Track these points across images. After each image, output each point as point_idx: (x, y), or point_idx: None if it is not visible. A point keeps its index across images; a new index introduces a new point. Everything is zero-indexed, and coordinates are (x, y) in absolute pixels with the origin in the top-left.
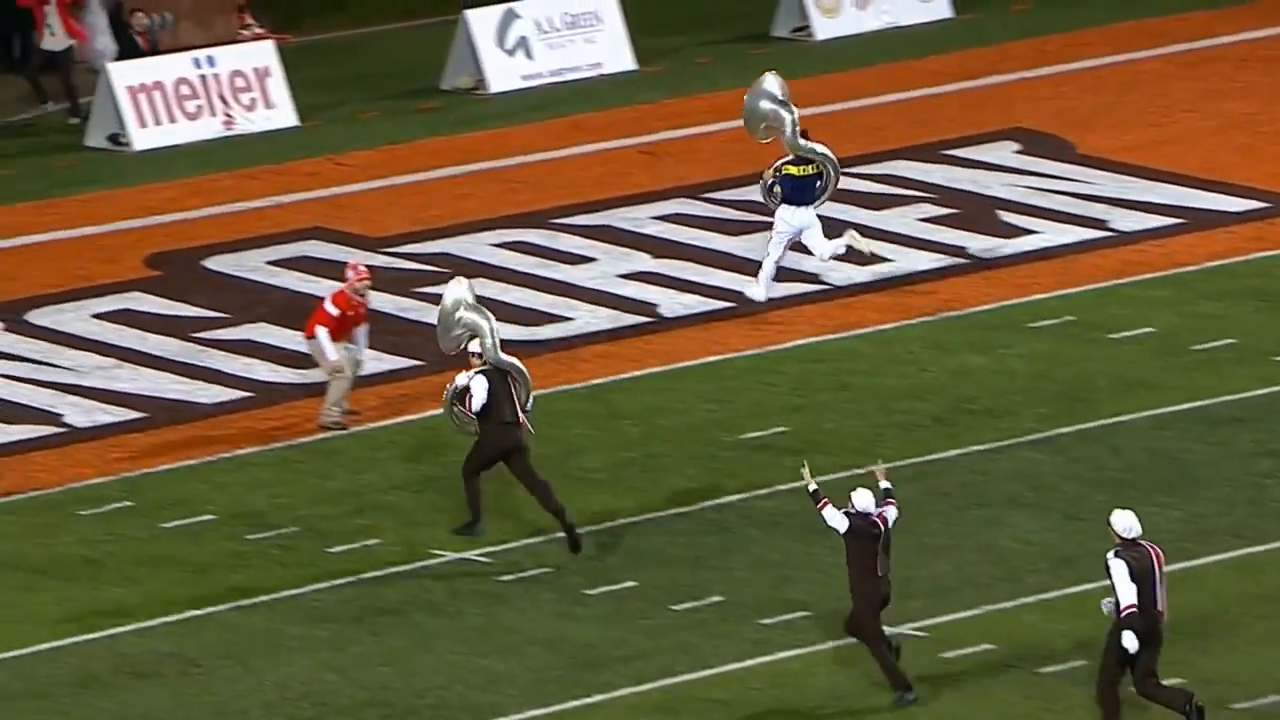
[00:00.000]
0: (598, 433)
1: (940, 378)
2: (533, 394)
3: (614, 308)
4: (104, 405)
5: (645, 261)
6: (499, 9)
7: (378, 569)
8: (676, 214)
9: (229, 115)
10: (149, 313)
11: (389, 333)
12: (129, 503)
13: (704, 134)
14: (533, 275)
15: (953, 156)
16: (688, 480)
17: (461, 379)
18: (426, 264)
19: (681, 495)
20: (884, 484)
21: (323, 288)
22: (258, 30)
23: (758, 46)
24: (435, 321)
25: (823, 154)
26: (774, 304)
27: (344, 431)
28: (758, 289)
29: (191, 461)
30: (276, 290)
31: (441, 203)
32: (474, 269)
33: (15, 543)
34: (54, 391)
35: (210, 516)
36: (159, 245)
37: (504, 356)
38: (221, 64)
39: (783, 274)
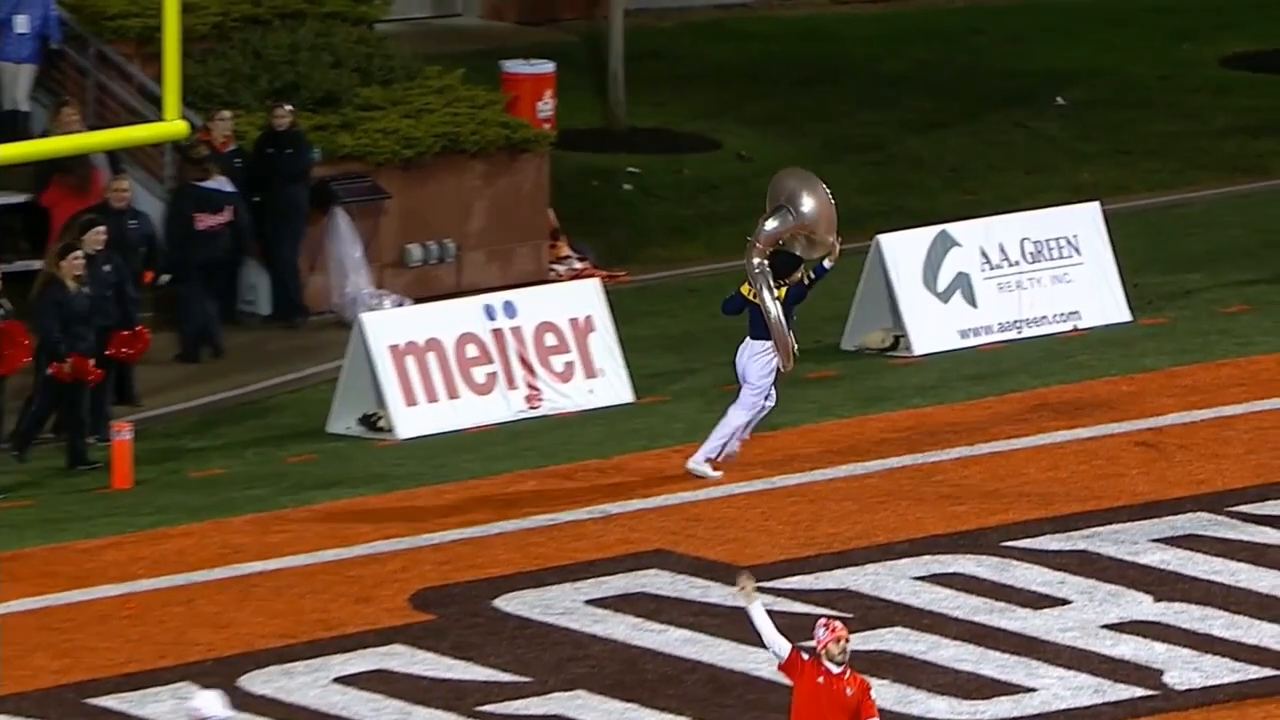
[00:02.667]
0: None
1: None
2: None
3: (1097, 673)
4: None
5: (1144, 606)
6: (926, 233)
7: None
8: (1189, 535)
9: (533, 388)
10: (415, 675)
11: None
12: None
13: (1232, 416)
14: (976, 625)
15: None
16: None
17: None
18: (815, 604)
19: None
20: None
21: (672, 640)
22: (577, 265)
23: None
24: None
25: (762, 296)
26: None
27: None
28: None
29: None
30: (600, 643)
31: (839, 516)
32: (885, 611)
33: None
34: None
35: None
36: (431, 578)
37: None
38: (524, 313)
39: None
